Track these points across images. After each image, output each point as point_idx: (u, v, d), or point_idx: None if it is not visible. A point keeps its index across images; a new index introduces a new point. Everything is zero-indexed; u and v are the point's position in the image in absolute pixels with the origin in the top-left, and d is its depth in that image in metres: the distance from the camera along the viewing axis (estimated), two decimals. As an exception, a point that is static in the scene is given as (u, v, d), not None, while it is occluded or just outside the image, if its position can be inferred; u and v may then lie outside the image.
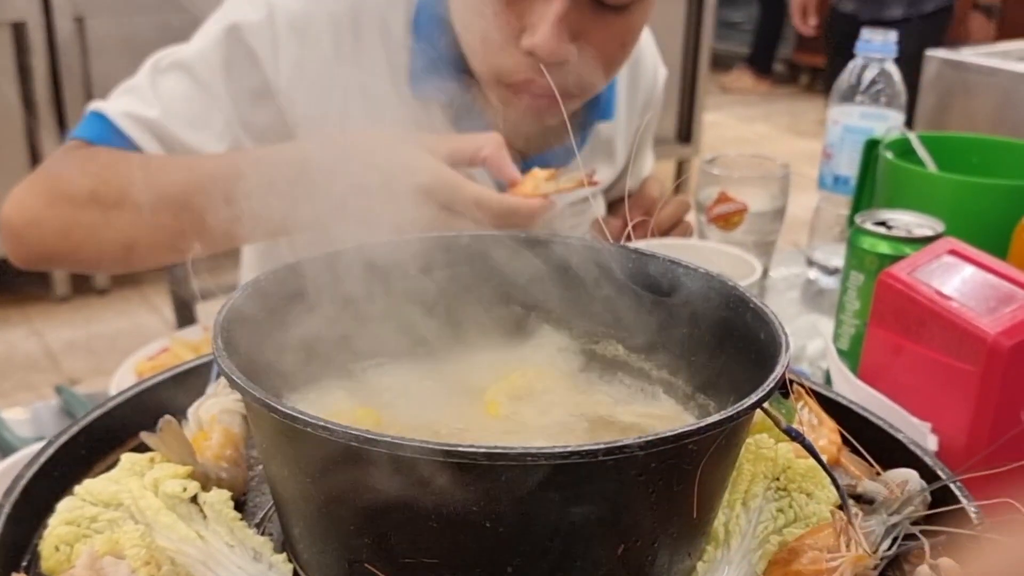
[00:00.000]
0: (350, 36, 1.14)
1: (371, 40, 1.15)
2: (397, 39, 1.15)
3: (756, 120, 6.02)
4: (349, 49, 1.14)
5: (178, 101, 1.09)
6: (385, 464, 0.47)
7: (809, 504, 0.59)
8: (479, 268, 0.70)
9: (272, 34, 1.10)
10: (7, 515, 0.58)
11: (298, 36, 1.11)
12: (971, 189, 1.12)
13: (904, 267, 0.86)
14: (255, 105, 1.12)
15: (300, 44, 1.11)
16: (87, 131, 1.10)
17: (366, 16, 1.14)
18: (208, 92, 1.10)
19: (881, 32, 1.39)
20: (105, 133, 1.08)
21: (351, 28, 1.14)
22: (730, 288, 0.62)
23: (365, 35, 1.14)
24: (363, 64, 1.15)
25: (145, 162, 1.07)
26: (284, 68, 1.11)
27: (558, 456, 0.45)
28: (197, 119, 1.09)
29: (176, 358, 1.00)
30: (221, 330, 0.56)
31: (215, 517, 0.58)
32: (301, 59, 1.11)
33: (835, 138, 1.42)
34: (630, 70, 1.32)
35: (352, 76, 1.13)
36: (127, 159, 1.06)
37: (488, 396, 0.65)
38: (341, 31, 1.13)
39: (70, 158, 1.10)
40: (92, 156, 1.08)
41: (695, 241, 1.35)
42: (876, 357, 0.88)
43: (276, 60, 1.11)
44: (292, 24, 1.11)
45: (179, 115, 1.08)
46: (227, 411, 0.68)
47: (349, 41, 1.14)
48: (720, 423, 0.47)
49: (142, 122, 1.08)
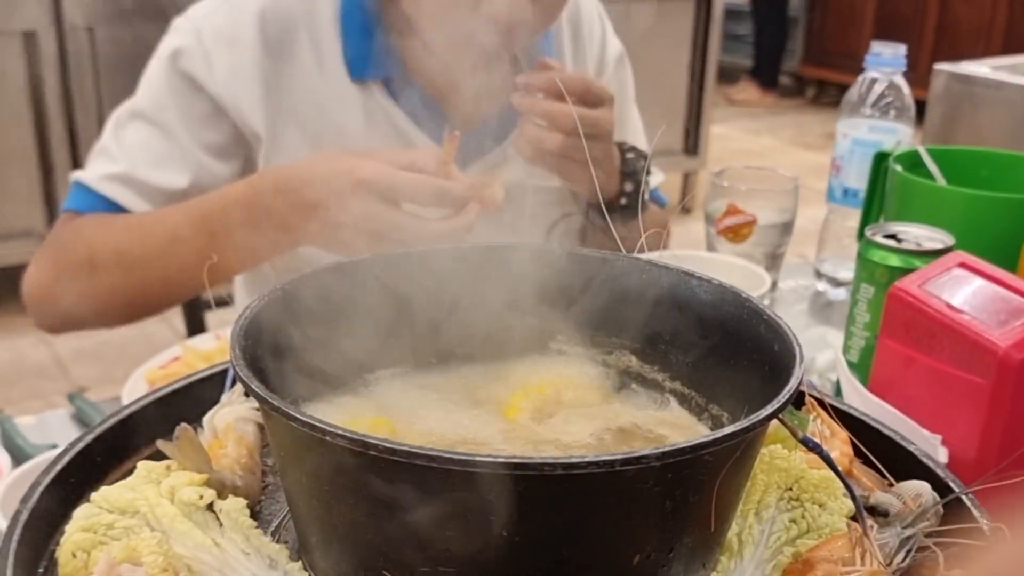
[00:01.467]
0: (279, 36, 1.17)
1: (301, 36, 1.18)
2: (327, 31, 1.18)
3: (762, 132, 6.03)
4: (280, 49, 1.18)
5: (139, 148, 1.16)
6: (402, 473, 0.48)
7: (822, 515, 0.59)
8: (493, 279, 0.70)
9: (203, 53, 1.15)
10: (24, 521, 0.58)
11: (228, 47, 1.15)
12: (981, 203, 1.12)
13: (914, 280, 0.86)
14: (208, 127, 1.17)
15: (231, 55, 1.15)
16: (74, 202, 1.18)
17: (293, 14, 1.18)
18: (164, 129, 1.16)
19: (891, 46, 1.40)
20: (89, 200, 1.17)
21: (279, 28, 1.17)
22: (744, 300, 0.62)
23: (294, 32, 1.18)
24: (297, 60, 1.18)
25: (126, 222, 1.14)
26: (223, 83, 1.15)
27: (576, 466, 0.45)
28: (160, 159, 1.16)
29: (188, 367, 1.01)
30: (239, 339, 0.56)
31: (231, 525, 0.58)
32: (235, 69, 1.15)
33: (844, 151, 1.42)
34: (572, 29, 1.33)
35: (288, 74, 1.18)
36: (110, 222, 1.14)
37: (510, 401, 0.66)
38: (269, 33, 1.17)
39: (64, 231, 1.18)
40: (81, 226, 1.16)
41: (704, 253, 1.36)
42: (886, 369, 0.88)
43: (213, 78, 1.15)
44: (219, 37, 1.16)
45: (143, 161, 1.15)
46: (242, 419, 0.69)
47: (280, 41, 1.17)
48: (737, 434, 0.48)
49: (115, 179, 1.15)
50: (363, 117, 1.19)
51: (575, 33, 1.34)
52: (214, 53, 1.15)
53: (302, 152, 1.17)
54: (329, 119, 1.19)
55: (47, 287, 1.18)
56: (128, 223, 1.14)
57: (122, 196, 1.15)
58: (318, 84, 1.18)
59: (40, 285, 1.19)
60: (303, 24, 1.18)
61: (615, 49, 1.40)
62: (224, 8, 1.18)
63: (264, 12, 1.17)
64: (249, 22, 1.16)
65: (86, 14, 3.13)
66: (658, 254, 0.72)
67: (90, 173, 1.16)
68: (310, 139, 1.19)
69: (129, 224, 1.14)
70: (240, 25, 1.16)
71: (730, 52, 6.58)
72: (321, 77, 1.18)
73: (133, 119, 1.17)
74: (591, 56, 1.36)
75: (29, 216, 3.19)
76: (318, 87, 1.18)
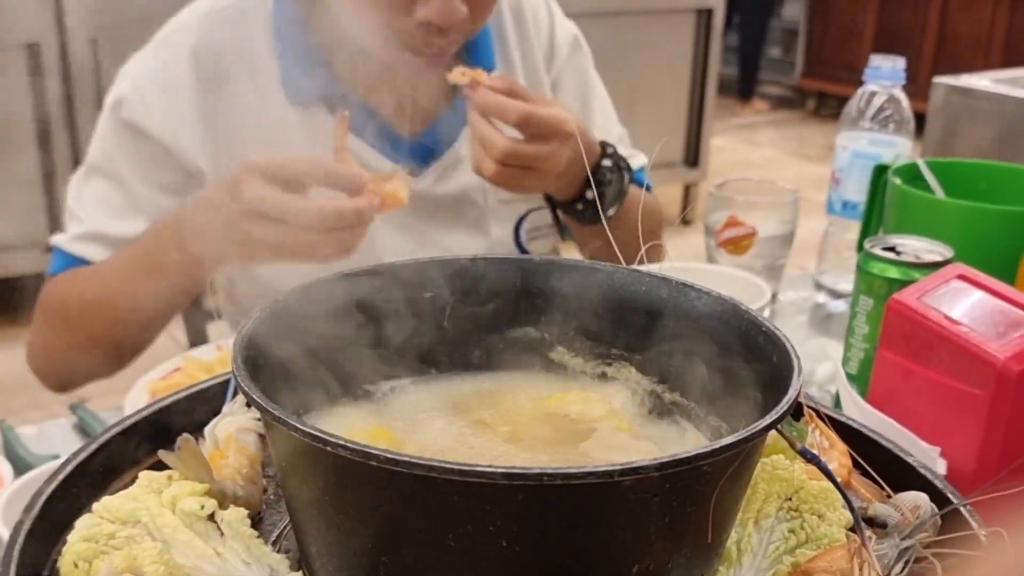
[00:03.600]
0: (214, 71, 1.19)
1: (237, 67, 1.20)
2: (262, 58, 1.20)
3: (763, 144, 6.04)
4: (217, 84, 1.19)
5: (98, 204, 1.20)
6: (402, 483, 0.48)
7: (821, 526, 0.60)
8: (492, 291, 0.71)
9: (141, 99, 1.18)
10: (27, 531, 0.59)
11: (163, 91, 1.18)
12: (979, 215, 1.13)
13: (913, 292, 0.86)
14: (159, 168, 1.19)
15: (167, 97, 1.18)
16: (53, 266, 1.22)
17: (226, 48, 1.20)
18: (117, 181, 1.19)
19: (890, 59, 1.40)
20: (65, 261, 1.20)
21: (214, 63, 1.19)
22: (743, 312, 0.63)
23: (230, 65, 1.20)
24: (235, 92, 1.20)
25: (88, 271, 1.19)
26: (162, 125, 1.18)
27: (575, 476, 0.46)
28: (118, 211, 1.19)
29: (190, 378, 1.01)
30: (241, 350, 0.57)
31: (232, 534, 0.58)
32: (172, 110, 1.18)
33: (844, 163, 1.43)
34: (515, 19, 1.33)
35: (227, 107, 1.20)
36: (75, 275, 1.19)
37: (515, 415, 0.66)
38: (204, 70, 1.19)
39: (43, 294, 1.23)
40: (54, 285, 1.21)
41: (704, 265, 1.36)
42: (885, 381, 0.88)
43: (153, 122, 1.17)
44: (154, 82, 1.18)
45: (104, 215, 1.19)
46: (243, 430, 0.69)
47: (215, 76, 1.19)
48: (735, 445, 0.48)
49: (82, 239, 1.19)
50: (307, 140, 1.20)
51: (518, 21, 1.33)
52: (151, 98, 1.18)
53: None
54: (272, 146, 1.19)
55: (40, 358, 1.25)
56: (88, 272, 1.19)
57: (90, 252, 1.19)
58: (259, 113, 1.20)
59: (35, 350, 1.25)
60: (237, 55, 1.20)
61: (566, 33, 1.38)
62: (156, 52, 1.21)
63: (197, 49, 1.19)
64: (182, 62, 1.18)
65: (89, 26, 3.14)
66: (658, 266, 0.72)
67: (62, 236, 1.21)
68: None
69: (89, 273, 1.18)
70: (173, 66, 1.19)
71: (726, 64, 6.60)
72: (261, 105, 1.20)
73: (89, 176, 1.21)
74: (539, 44, 1.34)
75: (32, 227, 3.20)
76: (259, 116, 1.19)
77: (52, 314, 1.22)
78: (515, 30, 1.33)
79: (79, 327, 1.18)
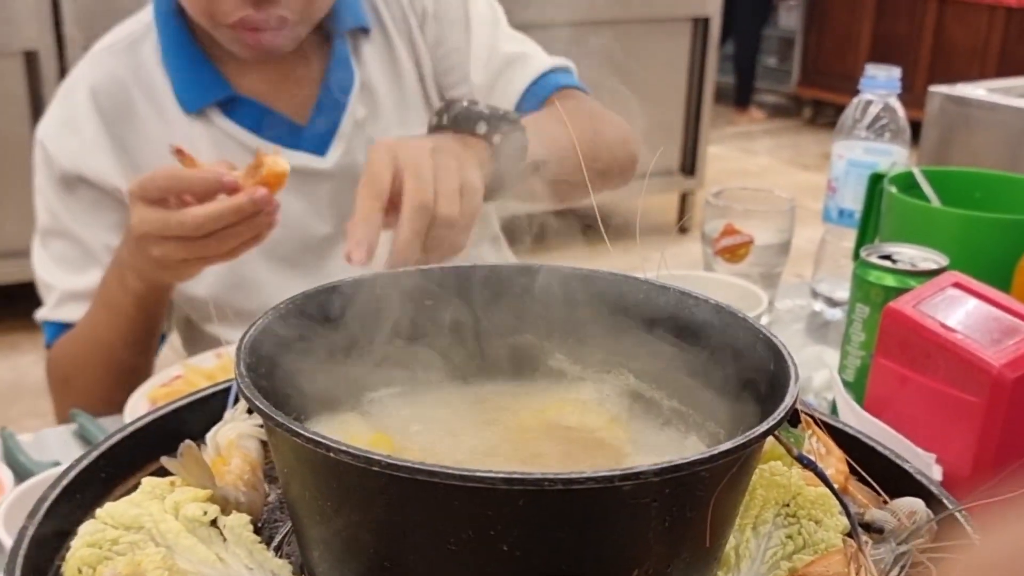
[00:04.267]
0: (114, 103, 1.23)
1: (134, 94, 1.24)
2: (155, 79, 1.24)
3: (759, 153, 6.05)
4: (119, 115, 1.24)
5: (59, 264, 1.25)
6: (404, 488, 0.48)
7: (818, 531, 0.60)
8: (490, 299, 0.71)
9: (57, 147, 1.23)
10: (31, 537, 0.59)
11: (70, 133, 1.23)
12: (975, 224, 1.13)
13: (909, 300, 0.87)
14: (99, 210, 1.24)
15: (74, 137, 1.22)
16: (48, 339, 1.28)
17: (120, 78, 1.24)
18: (68, 236, 1.24)
19: (886, 69, 1.41)
20: (56, 330, 1.26)
21: (112, 96, 1.23)
22: (741, 319, 0.63)
23: (128, 94, 1.24)
24: (138, 118, 1.24)
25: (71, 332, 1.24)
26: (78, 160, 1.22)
27: (575, 481, 0.46)
28: (79, 265, 1.24)
29: (190, 385, 1.01)
30: (244, 356, 0.57)
31: (235, 540, 0.59)
32: (82, 147, 1.22)
33: (840, 172, 1.44)
34: None
35: (133, 135, 1.24)
36: (63, 341, 1.24)
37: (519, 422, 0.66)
38: (104, 105, 1.23)
39: (48, 369, 1.29)
40: (52, 355, 1.27)
41: (702, 273, 1.37)
42: (881, 388, 0.89)
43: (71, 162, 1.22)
44: (61, 128, 1.24)
45: (67, 274, 1.24)
46: (245, 436, 0.70)
47: (116, 107, 1.23)
48: (733, 451, 0.48)
49: (60, 303, 1.24)
50: (212, 147, 1.23)
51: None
52: (63, 142, 1.22)
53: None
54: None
55: (60, 416, 1.27)
56: (71, 333, 1.24)
57: (68, 313, 1.24)
58: (162, 131, 1.23)
59: (61, 418, 1.26)
60: (133, 83, 1.24)
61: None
62: (59, 102, 1.25)
63: (94, 87, 1.23)
64: (82, 102, 1.22)
65: (86, 34, 3.14)
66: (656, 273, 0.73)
67: (44, 310, 1.26)
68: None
69: (73, 333, 1.23)
70: (74, 108, 1.23)
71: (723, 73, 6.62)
72: (163, 124, 1.23)
73: (44, 240, 1.26)
74: (408, 9, 1.31)
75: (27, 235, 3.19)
76: (163, 134, 1.22)
77: (59, 383, 1.27)
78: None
79: (83, 384, 1.23)
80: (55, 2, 3.10)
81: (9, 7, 3.04)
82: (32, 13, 3.08)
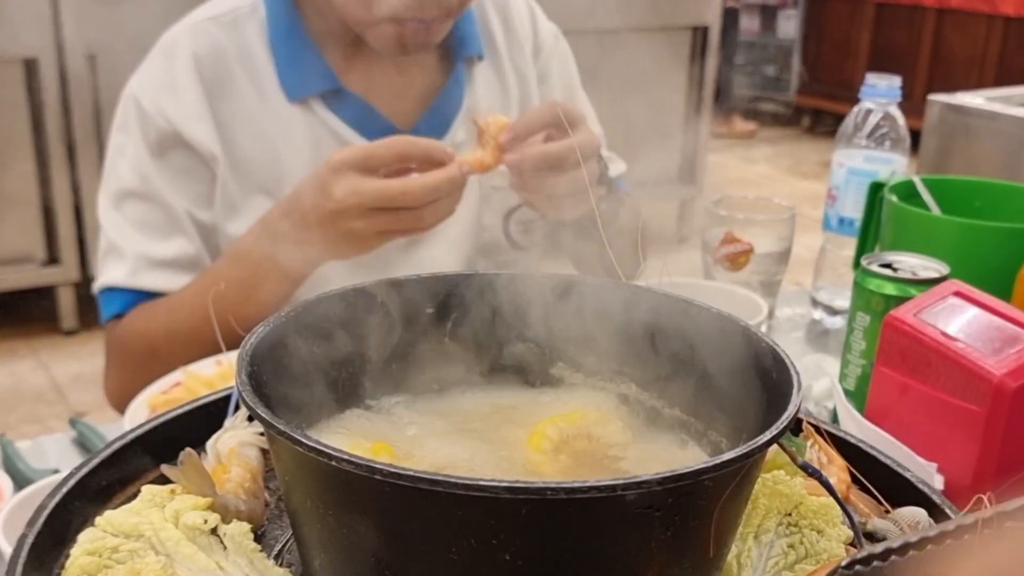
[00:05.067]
0: (216, 75, 1.22)
1: (236, 71, 1.23)
2: (260, 60, 1.23)
3: (758, 161, 6.06)
4: (220, 87, 1.22)
5: (139, 228, 1.20)
6: (406, 497, 0.48)
7: (820, 541, 0.60)
8: (493, 306, 0.71)
9: (155, 107, 1.20)
10: (31, 545, 0.59)
11: (170, 94, 1.20)
12: (975, 232, 1.14)
13: (910, 308, 0.87)
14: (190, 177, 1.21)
15: (175, 100, 1.20)
16: (115, 307, 1.22)
17: (225, 52, 1.22)
18: (155, 200, 1.20)
19: (886, 77, 1.41)
20: (129, 299, 1.21)
21: (214, 68, 1.22)
22: (742, 327, 0.63)
23: (230, 69, 1.23)
24: (237, 95, 1.23)
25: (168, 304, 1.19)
26: (176, 120, 1.20)
27: (578, 491, 0.46)
28: (162, 231, 1.20)
29: (190, 392, 1.01)
30: (246, 364, 0.57)
31: (235, 548, 0.59)
32: (181, 111, 1.20)
33: (840, 180, 1.44)
34: (501, 16, 1.36)
35: (231, 110, 1.22)
36: (153, 308, 1.20)
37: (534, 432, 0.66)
38: (206, 74, 1.21)
39: (118, 335, 1.23)
40: (131, 323, 1.21)
41: (702, 281, 1.37)
42: (882, 397, 0.89)
43: (170, 121, 1.20)
44: (160, 88, 1.21)
45: (148, 240, 1.20)
46: (245, 444, 0.69)
47: (218, 80, 1.22)
48: (736, 460, 0.48)
49: (138, 270, 1.19)
50: (309, 137, 1.23)
51: (504, 19, 1.36)
52: (163, 102, 1.20)
53: (253, 181, 1.22)
54: (275, 145, 1.23)
55: (127, 390, 1.19)
56: (170, 304, 1.19)
57: (152, 282, 1.20)
58: (261, 112, 1.22)
59: (121, 392, 1.22)
60: (236, 59, 1.23)
61: (548, 30, 1.41)
62: (157, 62, 1.23)
63: (197, 55, 1.21)
64: (184, 67, 1.21)
65: (87, 41, 3.15)
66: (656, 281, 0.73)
67: (117, 275, 1.21)
68: (259, 168, 1.23)
69: (171, 305, 1.19)
70: (175, 71, 1.21)
71: (726, 81, 6.62)
72: (263, 105, 1.23)
73: (122, 202, 1.22)
74: (525, 36, 1.37)
75: (29, 241, 3.20)
76: (261, 115, 1.22)
77: (134, 354, 1.22)
78: (500, 22, 1.36)
79: (167, 360, 1.16)
80: (55, 9, 3.11)
81: (9, 14, 3.05)
82: (32, 20, 3.08)
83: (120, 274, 1.21)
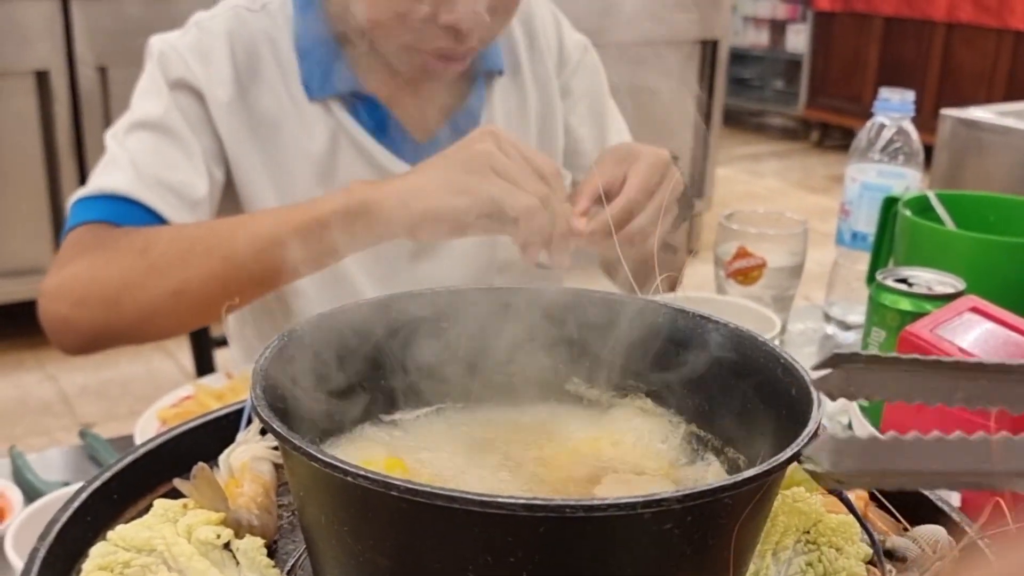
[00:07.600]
0: (247, 58, 1.22)
1: (266, 58, 1.23)
2: (287, 54, 1.23)
3: (767, 175, 6.06)
4: (249, 70, 1.22)
5: (151, 155, 1.15)
6: (422, 514, 0.48)
7: (839, 559, 0.59)
8: (507, 321, 0.70)
9: (183, 61, 1.19)
10: (42, 559, 0.59)
11: (202, 61, 1.19)
12: (990, 247, 1.13)
13: (926, 324, 0.86)
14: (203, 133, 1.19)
15: (205, 67, 1.19)
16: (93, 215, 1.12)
17: (257, 38, 1.23)
18: (173, 135, 1.17)
19: (899, 92, 1.41)
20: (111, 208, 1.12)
21: (246, 50, 1.22)
22: (760, 343, 0.62)
23: (260, 54, 1.22)
24: (264, 82, 1.23)
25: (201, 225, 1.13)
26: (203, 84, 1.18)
27: (596, 508, 0.45)
28: (175, 164, 1.16)
29: (201, 406, 1.01)
30: (260, 379, 0.57)
31: (248, 564, 0.58)
32: (210, 79, 1.19)
33: (853, 195, 1.43)
34: (525, 30, 1.36)
35: (255, 94, 1.22)
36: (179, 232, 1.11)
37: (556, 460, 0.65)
38: (237, 54, 1.21)
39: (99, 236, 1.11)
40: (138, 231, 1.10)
41: (714, 295, 1.36)
42: (898, 413, 0.88)
43: (196, 77, 1.18)
44: (193, 52, 1.20)
45: (159, 164, 1.14)
46: (258, 458, 0.69)
47: (248, 62, 1.22)
48: (757, 477, 0.48)
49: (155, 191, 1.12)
50: (326, 136, 1.23)
51: (528, 31, 1.36)
52: (192, 63, 1.19)
53: (259, 173, 1.21)
54: (289, 139, 1.23)
55: (79, 293, 1.10)
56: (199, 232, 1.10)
57: (156, 198, 1.12)
58: (284, 104, 1.22)
59: (69, 294, 1.10)
60: (266, 46, 1.23)
61: (575, 42, 1.41)
62: (193, 31, 1.22)
63: (232, 34, 1.21)
64: (219, 42, 1.21)
65: (98, 54, 3.16)
66: (672, 296, 0.72)
67: (107, 181, 1.12)
68: (269, 159, 1.22)
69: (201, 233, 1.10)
70: (211, 44, 1.21)
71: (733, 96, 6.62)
72: (287, 98, 1.23)
73: (135, 130, 1.17)
74: (548, 54, 1.37)
75: (38, 254, 3.21)
76: (284, 107, 1.22)
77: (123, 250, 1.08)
78: (524, 34, 1.36)
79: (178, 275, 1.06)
80: (67, 22, 3.12)
81: (20, 27, 3.06)
82: (43, 33, 3.10)
83: (121, 180, 1.12)
